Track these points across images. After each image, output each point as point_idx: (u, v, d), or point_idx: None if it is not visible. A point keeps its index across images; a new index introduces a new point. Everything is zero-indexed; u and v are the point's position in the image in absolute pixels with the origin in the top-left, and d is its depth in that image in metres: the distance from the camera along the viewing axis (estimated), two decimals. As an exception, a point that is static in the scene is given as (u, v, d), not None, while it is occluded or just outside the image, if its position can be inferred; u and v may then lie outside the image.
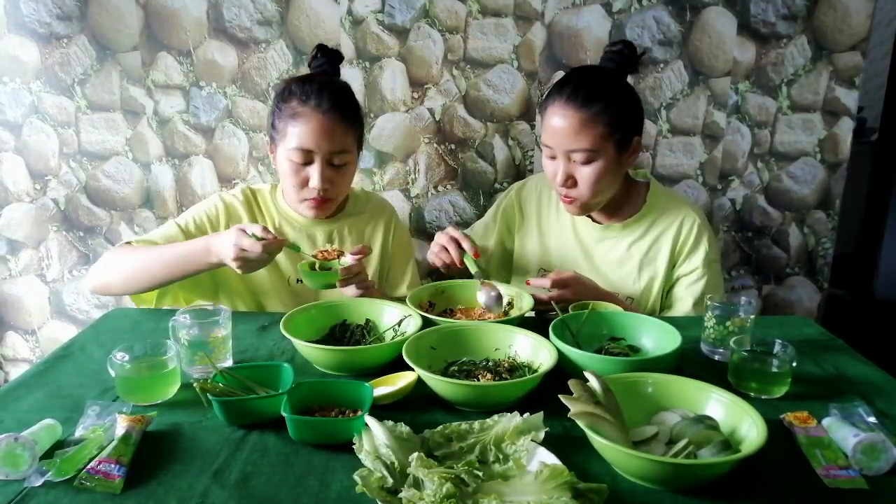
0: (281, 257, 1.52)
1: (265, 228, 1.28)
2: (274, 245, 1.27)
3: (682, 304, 1.49)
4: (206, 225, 1.52)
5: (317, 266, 1.37)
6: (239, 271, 1.29)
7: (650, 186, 1.55)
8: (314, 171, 1.42)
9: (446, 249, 1.44)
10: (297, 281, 1.55)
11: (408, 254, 1.70)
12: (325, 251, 1.40)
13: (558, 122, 1.38)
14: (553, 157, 1.43)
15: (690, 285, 1.49)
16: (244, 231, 1.26)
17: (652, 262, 1.51)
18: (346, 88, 1.50)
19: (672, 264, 1.51)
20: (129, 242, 1.45)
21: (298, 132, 1.40)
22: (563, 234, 1.58)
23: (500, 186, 2.09)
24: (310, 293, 1.54)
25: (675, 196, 1.62)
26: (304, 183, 1.44)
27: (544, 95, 1.48)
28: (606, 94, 1.37)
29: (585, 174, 1.39)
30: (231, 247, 1.25)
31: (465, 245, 1.42)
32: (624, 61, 1.43)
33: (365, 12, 1.96)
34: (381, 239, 1.64)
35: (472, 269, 1.40)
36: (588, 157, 1.37)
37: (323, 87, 1.42)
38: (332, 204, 1.51)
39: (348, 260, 1.37)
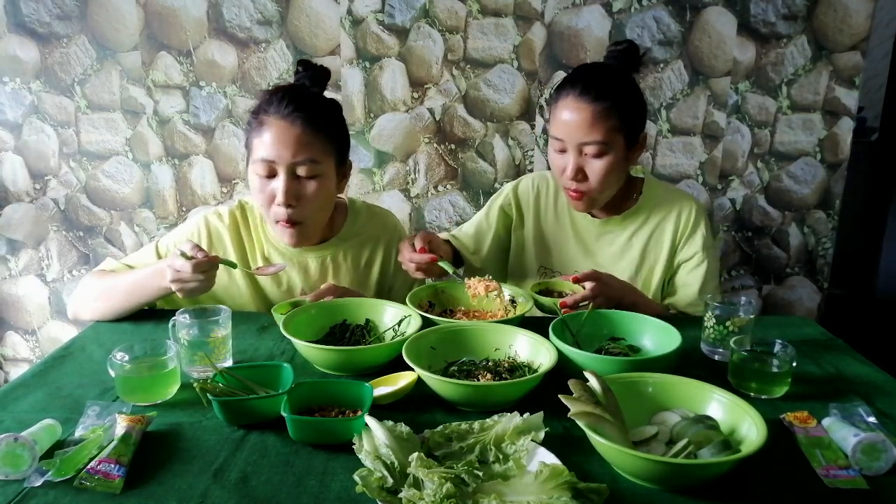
0: (266, 285, 1.45)
1: (196, 246, 1.20)
2: (205, 263, 1.18)
3: (688, 290, 1.50)
4: None
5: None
6: (179, 295, 1.23)
7: (644, 179, 1.57)
8: (278, 185, 1.29)
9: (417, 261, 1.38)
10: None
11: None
12: (262, 267, 1.34)
13: (571, 115, 1.38)
14: (563, 151, 1.43)
15: (693, 270, 1.51)
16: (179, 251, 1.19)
17: (653, 250, 1.54)
18: (318, 97, 1.37)
19: (673, 251, 1.53)
20: (103, 270, 1.42)
21: (261, 142, 1.29)
22: (562, 231, 1.59)
23: (500, 186, 2.09)
24: None
25: (671, 187, 1.66)
26: (271, 200, 1.31)
27: (554, 89, 1.49)
28: (618, 88, 1.40)
29: (596, 168, 1.40)
30: (166, 268, 1.20)
31: (421, 243, 1.38)
32: (629, 60, 1.45)
33: (365, 12, 1.96)
34: (380, 264, 1.52)
35: (449, 270, 1.38)
36: (600, 150, 1.39)
37: (287, 94, 1.30)
38: (306, 228, 1.36)
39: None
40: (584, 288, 1.32)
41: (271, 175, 1.30)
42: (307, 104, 1.30)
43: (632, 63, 1.45)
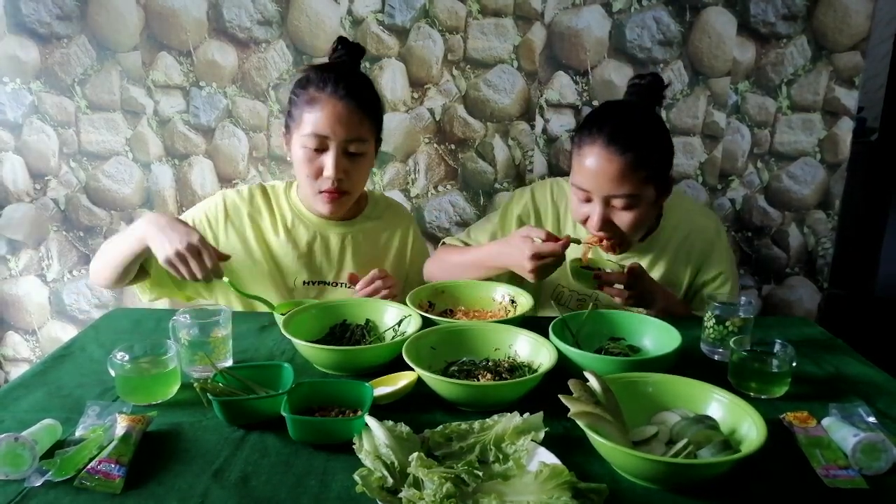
0: (286, 255, 1.50)
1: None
2: (209, 254, 1.27)
3: None
4: (205, 224, 1.50)
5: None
6: (184, 273, 1.28)
7: None
8: (329, 160, 1.38)
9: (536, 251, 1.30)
10: (304, 283, 1.52)
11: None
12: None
13: (600, 166, 1.30)
14: (588, 200, 1.36)
15: (720, 287, 1.50)
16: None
17: (675, 275, 1.51)
18: (366, 78, 1.48)
19: (695, 273, 1.52)
20: None
21: (314, 118, 1.36)
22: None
23: (500, 186, 2.09)
24: (310, 294, 1.52)
25: (687, 203, 1.60)
26: (319, 173, 1.40)
27: (577, 129, 1.41)
28: (647, 135, 1.32)
29: (625, 219, 1.34)
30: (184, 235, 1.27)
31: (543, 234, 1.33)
32: (653, 95, 1.39)
33: (365, 12, 1.96)
34: (397, 248, 1.59)
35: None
36: (630, 202, 1.32)
37: (341, 75, 1.39)
38: (348, 199, 1.46)
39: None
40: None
41: (321, 149, 1.38)
42: (359, 85, 1.41)
43: (656, 98, 1.39)
